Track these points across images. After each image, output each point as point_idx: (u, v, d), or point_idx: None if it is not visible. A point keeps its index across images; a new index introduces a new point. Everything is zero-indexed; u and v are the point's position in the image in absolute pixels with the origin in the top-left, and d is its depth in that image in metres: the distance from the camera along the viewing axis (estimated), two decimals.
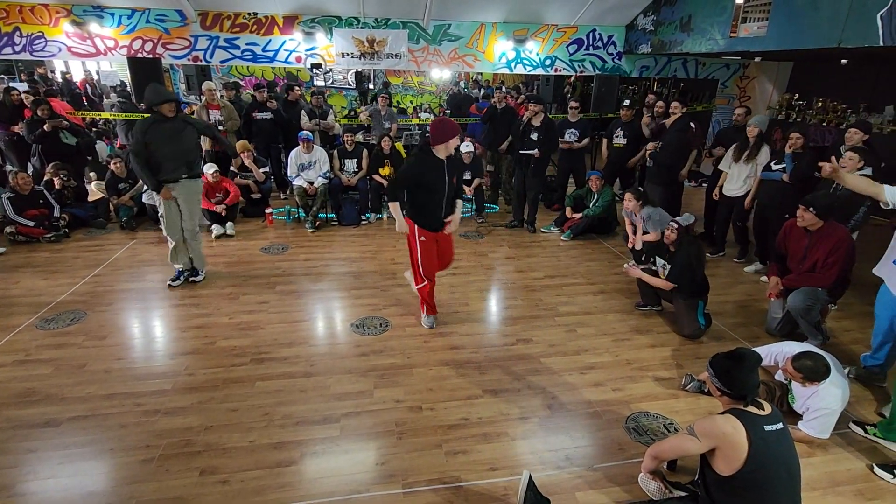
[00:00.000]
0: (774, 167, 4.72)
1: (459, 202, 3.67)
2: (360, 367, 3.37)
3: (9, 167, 6.52)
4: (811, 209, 3.42)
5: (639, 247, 4.93)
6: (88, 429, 2.74)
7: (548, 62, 8.50)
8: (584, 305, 4.33)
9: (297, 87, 7.40)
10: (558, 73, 8.64)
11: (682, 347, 3.72)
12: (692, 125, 5.57)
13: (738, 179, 5.03)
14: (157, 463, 2.52)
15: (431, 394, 3.11)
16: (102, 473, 2.47)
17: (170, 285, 4.46)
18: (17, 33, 7.11)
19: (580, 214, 5.98)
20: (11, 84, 8.84)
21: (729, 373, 2.03)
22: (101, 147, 8.00)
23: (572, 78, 11.75)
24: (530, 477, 2.31)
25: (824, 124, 7.45)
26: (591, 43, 8.47)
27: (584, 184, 6.15)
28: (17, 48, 7.19)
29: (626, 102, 6.06)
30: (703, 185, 6.71)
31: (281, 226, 6.18)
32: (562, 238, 5.97)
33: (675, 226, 3.87)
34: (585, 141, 6.36)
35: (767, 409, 2.03)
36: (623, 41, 8.49)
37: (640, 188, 5.15)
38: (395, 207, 3.50)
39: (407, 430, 2.79)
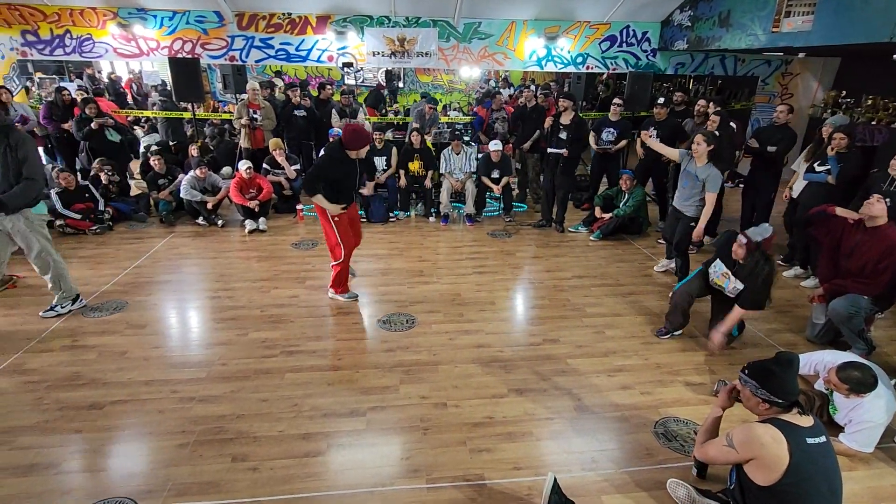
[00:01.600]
0: (818, 168, 4.51)
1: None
2: (386, 362, 3.41)
3: (54, 164, 6.87)
4: (887, 199, 3.24)
5: (649, 144, 4.63)
6: (128, 413, 2.87)
7: (579, 60, 8.37)
8: (612, 307, 4.26)
9: (328, 87, 7.54)
10: (590, 70, 8.50)
11: (715, 352, 3.61)
12: (732, 125, 5.38)
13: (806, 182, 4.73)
14: (192, 448, 2.62)
15: (456, 391, 3.12)
16: (141, 456, 2.59)
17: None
18: (68, 35, 7.48)
19: (610, 214, 5.87)
20: (62, 84, 9.30)
21: (776, 378, 1.94)
22: (155, 137, 8.32)
23: (604, 76, 11.53)
24: (555, 479, 2.29)
25: (873, 123, 7.08)
26: (624, 40, 8.29)
27: (618, 183, 6.03)
28: (68, 50, 7.57)
29: (661, 100, 5.89)
30: (741, 185, 6.48)
31: (311, 222, 6.30)
32: (591, 238, 5.88)
33: (745, 240, 3.27)
34: (623, 143, 6.22)
35: (809, 420, 1.94)
36: (658, 37, 8.27)
37: (715, 133, 4.40)
38: (319, 199, 3.82)
39: (432, 427, 2.81)
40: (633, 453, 2.66)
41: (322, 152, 4.02)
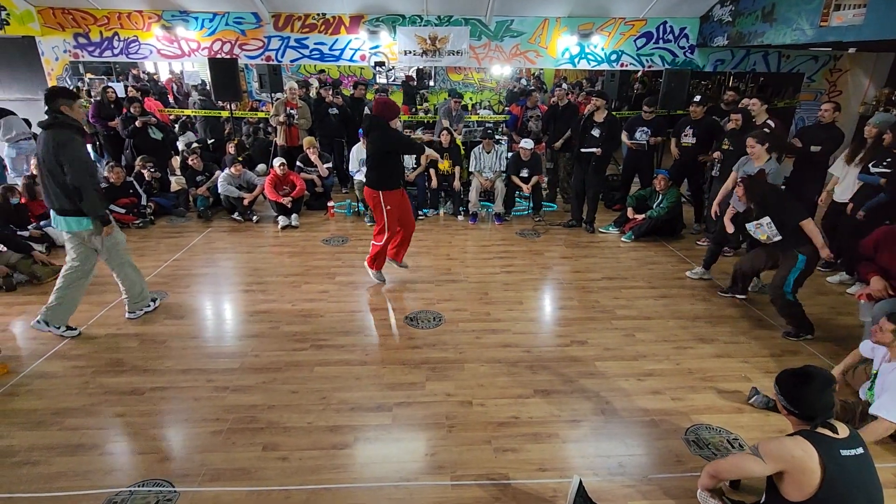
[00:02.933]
0: (873, 169, 4.28)
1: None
2: (412, 358, 3.44)
3: (105, 159, 7.23)
4: None
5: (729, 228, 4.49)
6: (167, 399, 3.00)
7: (613, 57, 8.21)
8: (643, 310, 4.17)
9: (360, 86, 7.65)
10: (624, 68, 8.32)
11: (751, 360, 3.48)
12: (770, 122, 5.16)
13: (851, 185, 4.53)
14: (225, 436, 2.71)
15: (482, 390, 3.12)
16: (178, 441, 2.70)
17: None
18: (116, 38, 7.85)
19: (642, 215, 5.74)
20: (109, 84, 9.76)
21: (796, 391, 1.89)
22: (190, 136, 8.65)
23: (639, 73, 11.27)
24: (580, 482, 2.26)
25: None
26: (661, 36, 8.08)
27: (650, 184, 5.90)
28: (116, 51, 7.94)
29: (697, 99, 5.70)
30: (783, 187, 6.22)
31: (341, 219, 6.41)
32: (622, 239, 5.77)
33: (739, 181, 3.70)
34: (658, 139, 6.09)
35: (844, 431, 1.86)
36: (696, 34, 8.02)
37: (766, 130, 4.49)
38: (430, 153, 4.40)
39: (457, 424, 2.82)
40: (661, 460, 2.60)
41: (375, 135, 3.99)
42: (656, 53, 8.18)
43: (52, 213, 3.48)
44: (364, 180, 4.29)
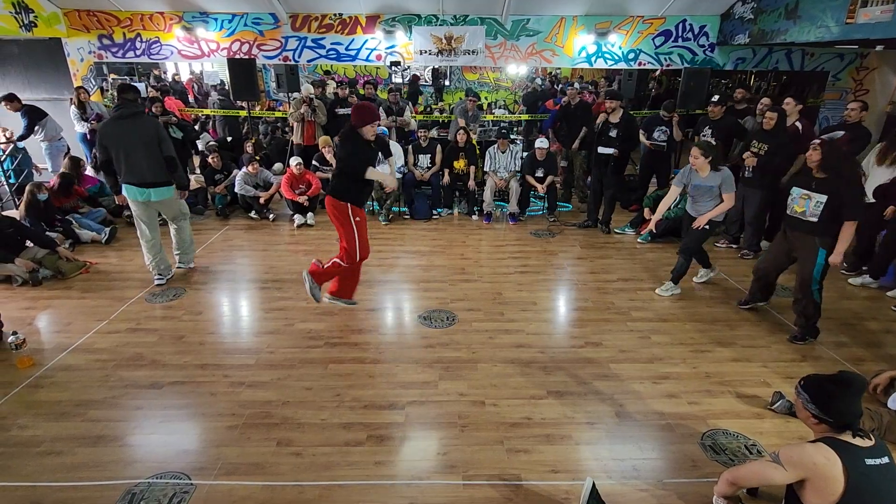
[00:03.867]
0: None
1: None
2: (426, 357, 3.45)
3: None
4: None
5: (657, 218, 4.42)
6: (184, 393, 3.06)
7: (631, 56, 8.11)
8: (660, 312, 4.11)
9: (368, 85, 7.68)
10: (642, 67, 8.21)
11: (771, 364, 3.41)
12: (799, 124, 5.02)
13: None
14: (240, 430, 2.75)
15: (495, 390, 3.11)
16: (194, 434, 2.75)
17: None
18: (139, 39, 8.01)
19: (660, 216, 5.65)
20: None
21: (831, 399, 1.82)
22: (207, 137, 8.80)
23: (657, 72, 11.11)
24: (594, 484, 2.25)
25: None
26: (680, 34, 7.95)
27: (668, 184, 5.81)
28: (139, 52, 8.10)
29: (715, 98, 5.59)
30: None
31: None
32: (638, 240, 5.70)
33: (818, 142, 3.29)
34: (678, 135, 6.02)
35: (870, 440, 1.81)
36: (717, 32, 7.88)
37: (711, 142, 4.37)
38: (372, 172, 3.47)
39: (469, 424, 2.82)
40: (677, 464, 2.56)
41: (339, 147, 3.66)
42: (675, 52, 8.06)
43: (134, 189, 4.15)
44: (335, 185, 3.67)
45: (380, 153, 3.77)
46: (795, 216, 3.50)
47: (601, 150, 5.59)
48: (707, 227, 4.14)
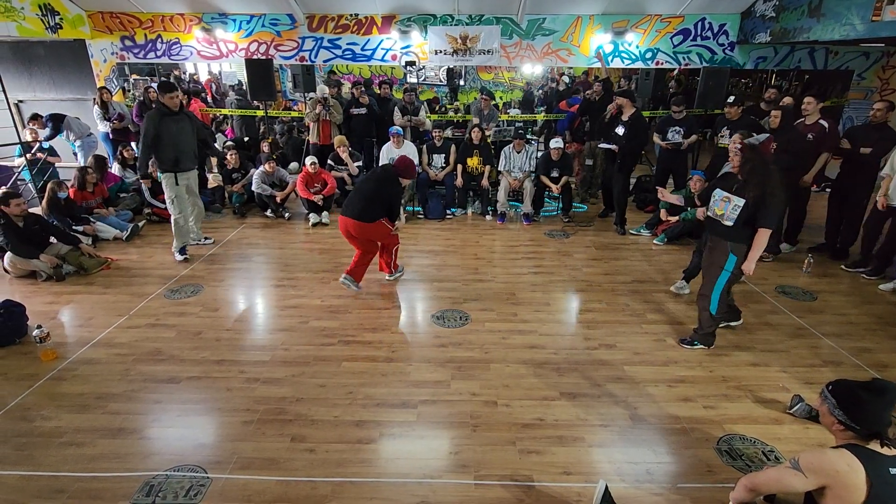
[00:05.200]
0: None
1: None
2: (438, 357, 3.45)
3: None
4: None
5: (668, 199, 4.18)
6: (201, 388, 3.11)
7: (648, 55, 8.01)
8: (675, 314, 4.06)
9: (384, 85, 7.70)
10: (659, 66, 8.11)
11: (790, 369, 3.34)
12: (824, 123, 4.89)
13: None
14: (255, 426, 2.79)
15: (507, 390, 3.10)
16: (211, 429, 2.79)
17: (186, 258, 5.01)
18: (160, 40, 8.18)
19: (676, 217, 5.58)
20: (151, 84, 10.17)
21: (861, 406, 1.76)
22: (222, 138, 8.94)
23: (675, 72, 10.97)
24: (606, 487, 2.23)
25: None
26: (699, 33, 7.83)
27: (685, 185, 5.74)
28: (159, 53, 8.27)
29: (731, 99, 5.50)
30: (827, 190, 5.94)
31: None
32: (654, 242, 5.63)
33: (738, 145, 3.16)
34: (693, 138, 5.94)
35: (894, 449, 1.76)
36: (737, 30, 7.75)
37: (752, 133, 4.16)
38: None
39: (481, 424, 2.82)
40: (692, 469, 2.53)
41: (379, 180, 4.27)
42: (694, 51, 7.94)
43: (180, 175, 4.79)
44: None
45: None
46: (714, 218, 3.32)
47: (602, 145, 5.68)
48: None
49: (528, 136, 7.36)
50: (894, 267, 4.47)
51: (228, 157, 6.65)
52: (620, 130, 5.49)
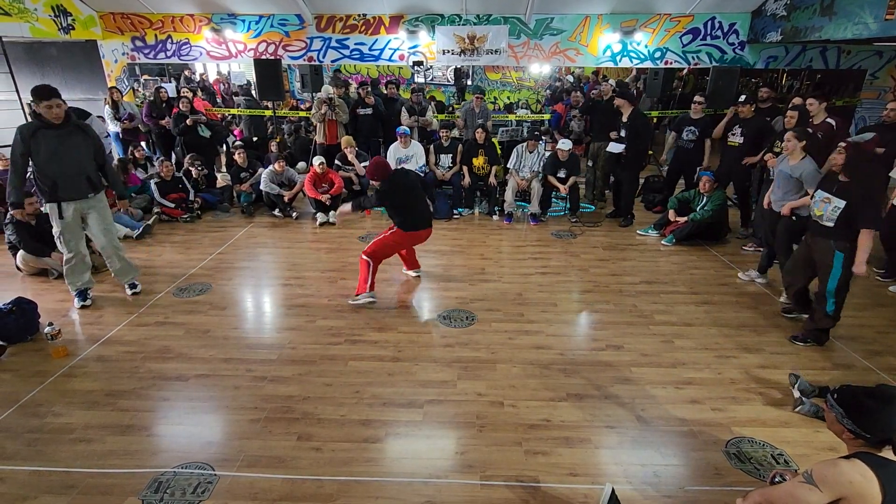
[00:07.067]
0: None
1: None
2: (445, 357, 3.45)
3: (157, 156, 7.61)
4: None
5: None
6: (209, 386, 3.13)
7: (657, 54, 7.97)
8: (683, 316, 4.03)
9: (390, 85, 7.71)
10: (668, 65, 8.05)
11: (800, 372, 3.30)
12: (831, 121, 4.85)
13: None
14: (262, 424, 2.80)
15: (514, 391, 3.10)
16: (218, 427, 2.81)
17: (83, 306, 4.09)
18: (170, 40, 8.25)
19: (685, 218, 5.55)
20: (162, 85, 10.27)
21: (869, 414, 1.72)
22: (231, 139, 9.01)
23: (684, 71, 10.88)
24: (613, 489, 2.21)
25: None
26: (708, 32, 7.78)
27: (696, 184, 5.69)
28: (169, 53, 8.35)
29: (743, 98, 5.46)
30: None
31: (377, 216, 6.50)
32: (662, 242, 5.59)
33: (843, 145, 3.18)
34: (707, 143, 5.90)
35: None
36: (748, 29, 7.68)
37: (808, 130, 4.18)
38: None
39: (487, 424, 2.81)
40: (699, 472, 2.51)
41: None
42: (703, 50, 7.89)
43: (65, 205, 3.83)
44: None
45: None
46: (815, 220, 3.41)
47: (609, 149, 5.83)
48: (794, 217, 3.98)
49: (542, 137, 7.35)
50: None
51: (237, 155, 6.70)
52: (623, 133, 5.60)
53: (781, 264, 4.26)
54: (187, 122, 6.89)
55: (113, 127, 7.43)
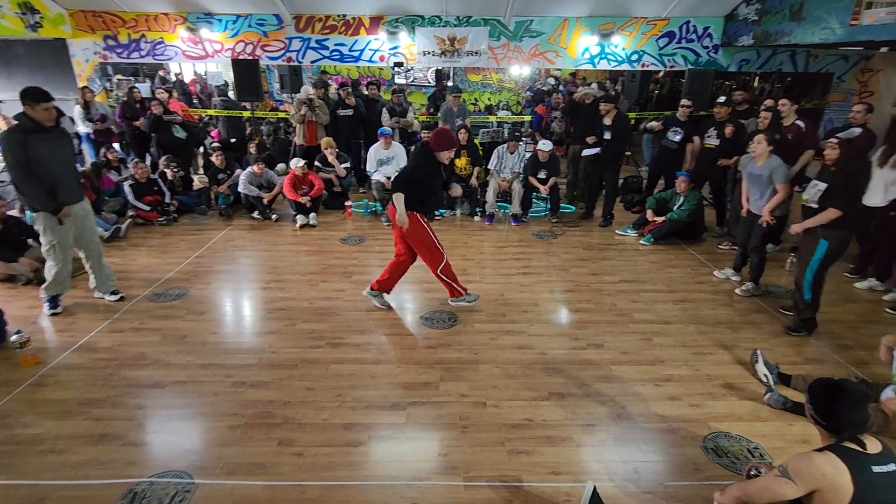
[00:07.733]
0: None
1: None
2: (427, 358, 3.45)
3: (131, 157, 7.43)
4: None
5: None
6: (187, 393, 3.06)
7: (634, 57, 8.11)
8: (661, 314, 4.10)
9: (371, 86, 7.66)
10: (645, 68, 8.20)
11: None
12: (800, 123, 5.02)
13: (881, 188, 4.32)
14: (242, 430, 2.76)
15: (496, 391, 3.11)
16: (196, 434, 2.76)
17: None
18: (143, 40, 8.06)
19: (662, 218, 5.65)
20: (135, 85, 10.02)
21: (826, 404, 1.82)
22: (208, 140, 8.84)
23: (661, 73, 11.10)
24: (594, 487, 2.24)
25: None
26: (683, 35, 7.95)
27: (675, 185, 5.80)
28: (143, 53, 8.15)
29: (721, 99, 5.61)
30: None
31: (359, 218, 6.47)
32: (640, 242, 5.68)
33: (835, 141, 3.48)
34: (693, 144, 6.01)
35: (876, 447, 1.78)
36: (721, 33, 7.87)
37: (776, 136, 4.28)
38: (398, 198, 3.66)
39: (470, 425, 2.82)
40: (678, 467, 2.55)
41: (412, 157, 3.92)
42: (679, 53, 8.05)
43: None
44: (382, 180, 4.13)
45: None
46: (804, 204, 3.64)
47: (585, 152, 6.00)
48: (773, 221, 4.14)
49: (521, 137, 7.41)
50: (894, 279, 4.53)
51: (214, 157, 6.58)
52: (608, 135, 5.74)
53: (752, 263, 4.38)
54: (154, 110, 6.69)
55: (84, 128, 7.21)
